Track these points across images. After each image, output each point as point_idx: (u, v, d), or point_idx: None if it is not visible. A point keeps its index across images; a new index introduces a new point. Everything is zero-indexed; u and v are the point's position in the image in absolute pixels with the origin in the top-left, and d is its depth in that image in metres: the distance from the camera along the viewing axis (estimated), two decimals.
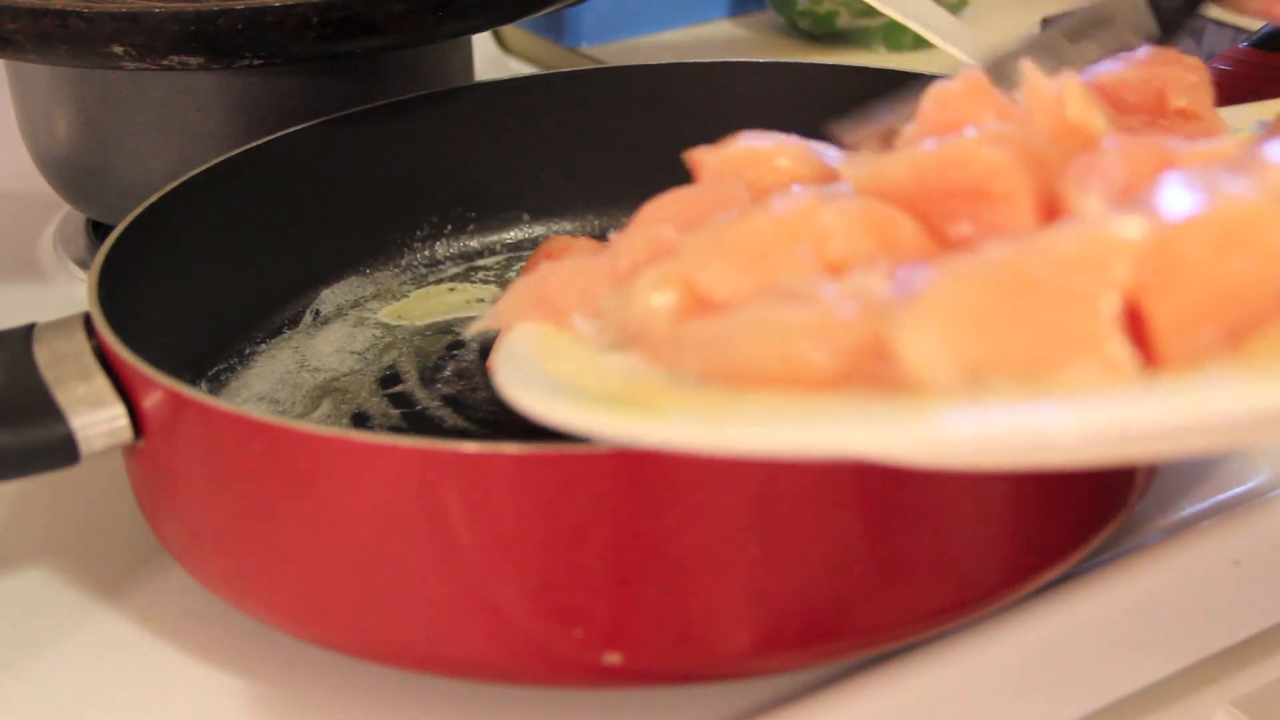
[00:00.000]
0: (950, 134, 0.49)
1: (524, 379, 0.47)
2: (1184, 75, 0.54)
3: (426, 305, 0.70)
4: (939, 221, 0.47)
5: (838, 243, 0.47)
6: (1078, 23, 0.57)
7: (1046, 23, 0.99)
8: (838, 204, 0.47)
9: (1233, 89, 0.69)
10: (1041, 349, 0.41)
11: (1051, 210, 0.46)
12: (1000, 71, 0.56)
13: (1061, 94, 0.50)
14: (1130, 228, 0.41)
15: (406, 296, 0.71)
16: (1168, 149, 0.46)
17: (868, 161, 0.51)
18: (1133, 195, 0.44)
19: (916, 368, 0.41)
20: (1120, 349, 0.40)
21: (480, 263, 0.73)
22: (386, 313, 0.69)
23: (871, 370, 0.42)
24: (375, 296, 0.71)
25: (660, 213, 0.54)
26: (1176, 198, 0.41)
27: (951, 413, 0.40)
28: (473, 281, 0.72)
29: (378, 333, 0.68)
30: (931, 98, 0.52)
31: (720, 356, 0.44)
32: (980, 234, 0.46)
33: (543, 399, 0.45)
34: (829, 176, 0.55)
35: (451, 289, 0.71)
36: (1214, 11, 0.92)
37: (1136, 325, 0.41)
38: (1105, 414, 0.38)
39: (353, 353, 0.67)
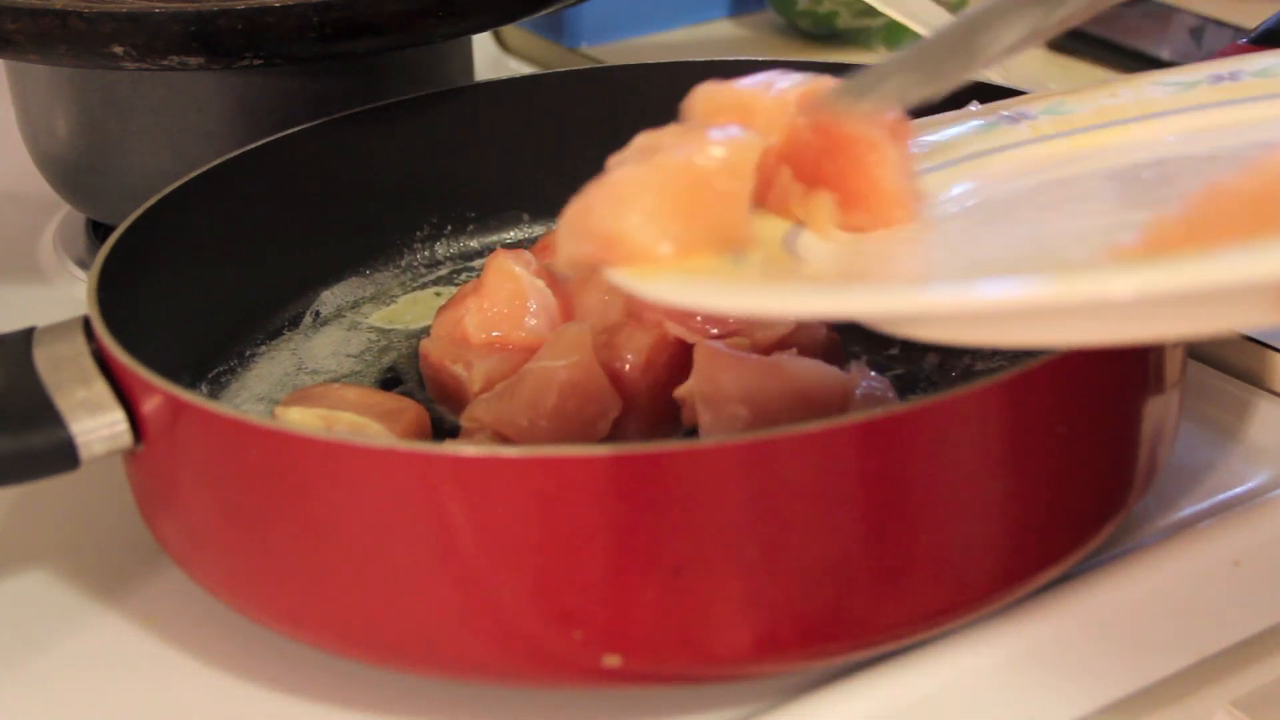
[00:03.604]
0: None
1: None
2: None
3: (415, 310, 0.70)
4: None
5: None
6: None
7: None
8: None
9: None
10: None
11: None
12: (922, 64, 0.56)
13: None
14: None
15: (396, 301, 0.71)
16: None
17: None
18: None
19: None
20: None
21: (477, 264, 0.73)
22: (378, 317, 0.69)
23: None
24: (374, 298, 0.71)
25: None
26: None
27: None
28: (457, 285, 0.71)
29: (373, 336, 0.68)
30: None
31: None
32: None
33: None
34: None
35: (438, 294, 0.71)
36: (1213, 10, 0.92)
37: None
38: None
39: (349, 355, 0.67)
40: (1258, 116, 0.56)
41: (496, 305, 0.62)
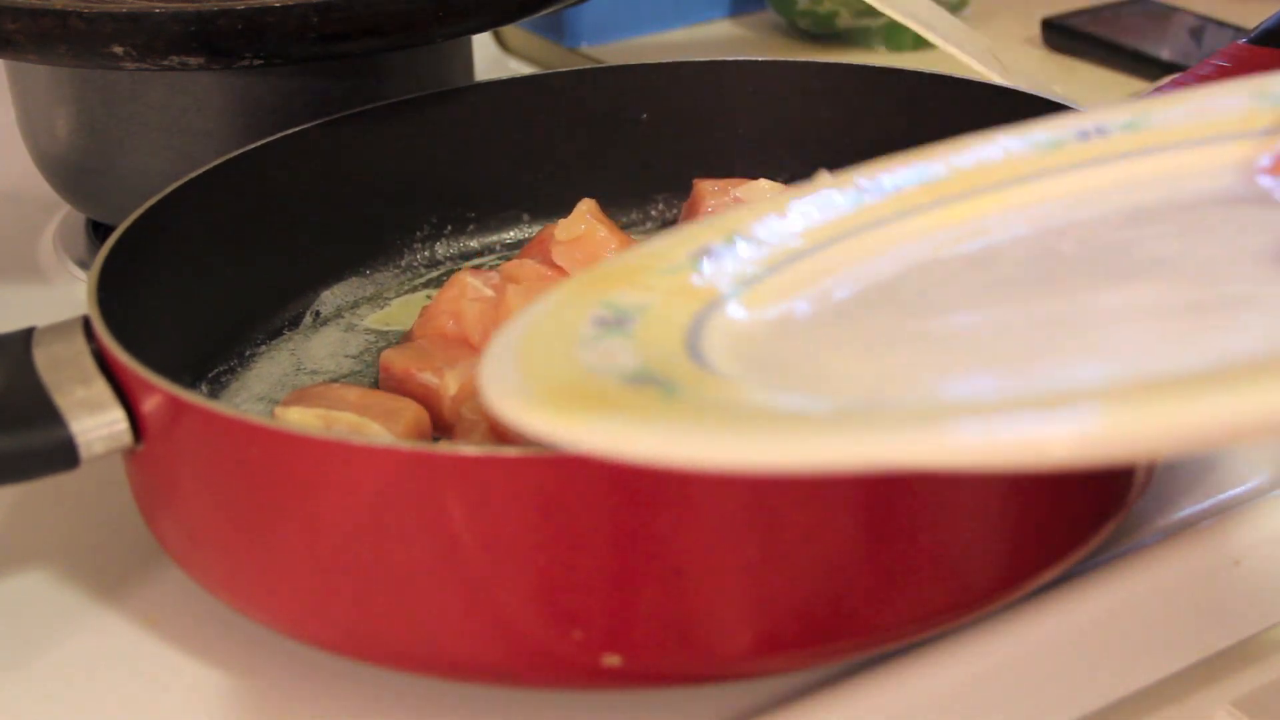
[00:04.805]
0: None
1: (491, 370, 0.44)
2: None
3: (409, 312, 0.69)
4: None
5: None
6: None
7: (1046, 24, 0.99)
8: None
9: None
10: None
11: None
12: None
13: None
14: None
15: (390, 303, 0.71)
16: None
17: None
18: None
19: None
20: None
21: (476, 264, 0.73)
22: (373, 319, 0.69)
23: None
24: (374, 298, 0.71)
25: None
26: None
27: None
28: None
29: (371, 337, 0.68)
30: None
31: None
32: None
33: (497, 396, 0.42)
34: None
35: (429, 296, 0.71)
36: (1213, 10, 0.93)
37: None
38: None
39: (348, 356, 0.67)
40: (1135, 175, 0.54)
41: (441, 306, 0.63)
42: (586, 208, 0.67)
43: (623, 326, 0.48)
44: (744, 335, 0.49)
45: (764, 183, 0.68)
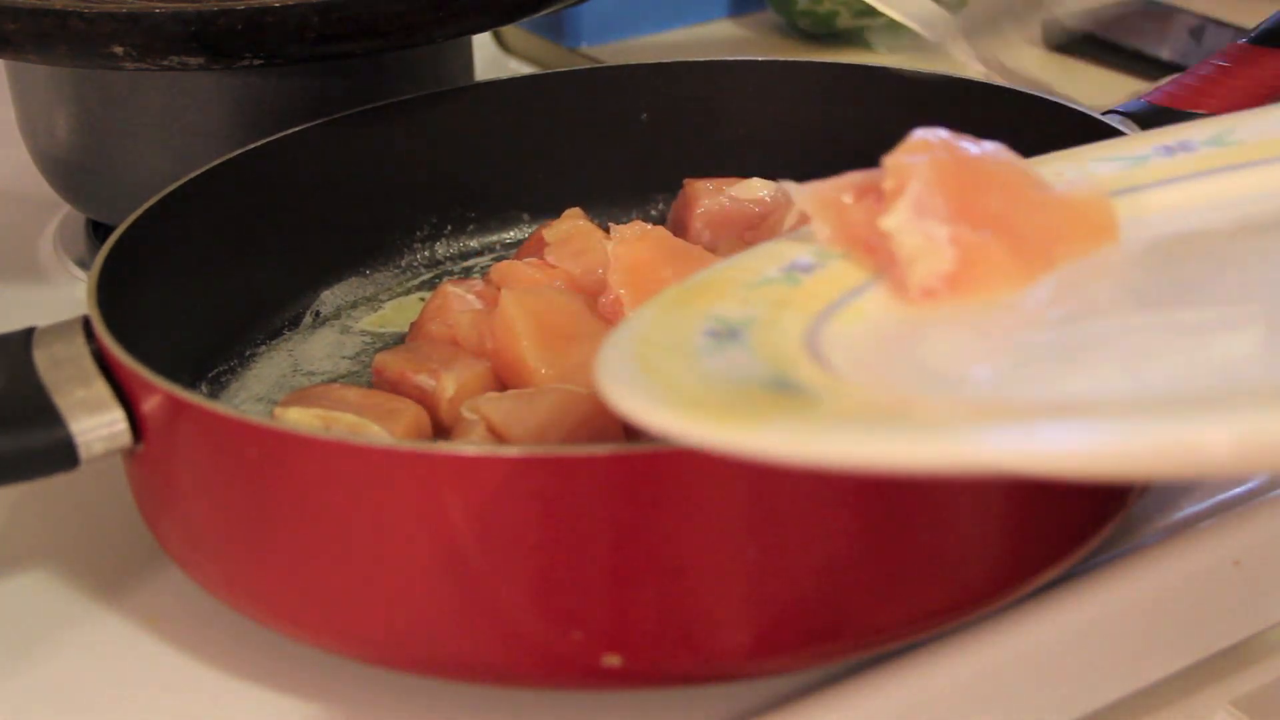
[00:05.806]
0: None
1: (621, 379, 0.44)
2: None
3: (403, 314, 0.69)
4: None
5: None
6: None
7: (1045, 25, 0.99)
8: None
9: (1232, 86, 0.69)
10: None
11: None
12: None
13: None
14: None
15: (384, 306, 0.71)
16: None
17: None
18: None
19: None
20: None
21: (476, 263, 0.73)
22: (368, 321, 0.69)
23: None
24: (373, 299, 0.71)
25: None
26: None
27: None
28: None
29: (368, 339, 0.68)
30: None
31: None
32: None
33: (643, 404, 0.42)
34: None
35: (421, 299, 0.71)
36: (1213, 10, 0.92)
37: None
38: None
39: (345, 357, 0.67)
40: (1228, 190, 0.54)
41: (429, 315, 0.63)
42: (572, 213, 0.68)
43: (737, 338, 0.48)
44: (865, 341, 0.49)
45: (756, 181, 0.68)
